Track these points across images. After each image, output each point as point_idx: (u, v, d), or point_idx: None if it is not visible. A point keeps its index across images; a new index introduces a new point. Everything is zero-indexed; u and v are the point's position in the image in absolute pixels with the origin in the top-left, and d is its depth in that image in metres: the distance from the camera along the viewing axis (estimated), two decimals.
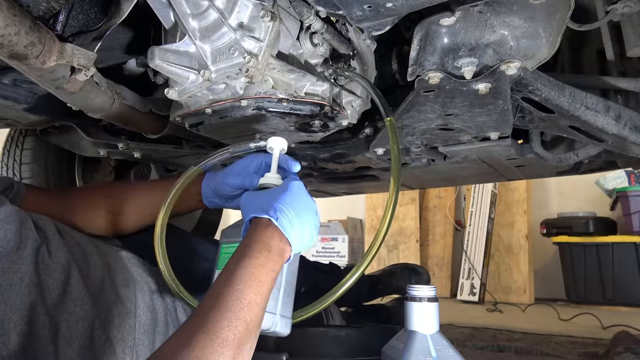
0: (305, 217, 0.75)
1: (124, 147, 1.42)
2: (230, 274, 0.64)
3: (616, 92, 1.14)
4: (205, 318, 0.57)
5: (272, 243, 0.70)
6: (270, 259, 0.68)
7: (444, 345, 0.75)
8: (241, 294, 0.61)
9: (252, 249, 0.68)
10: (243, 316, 0.59)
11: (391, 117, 0.89)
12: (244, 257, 0.67)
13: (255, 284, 0.63)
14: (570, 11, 0.83)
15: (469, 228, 3.64)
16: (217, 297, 0.60)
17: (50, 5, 0.77)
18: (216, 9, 0.84)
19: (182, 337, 0.55)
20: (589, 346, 1.81)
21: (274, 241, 0.71)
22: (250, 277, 0.64)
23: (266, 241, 0.70)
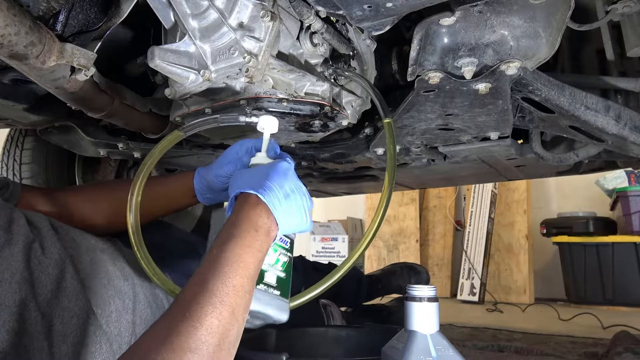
0: (293, 197, 0.72)
1: (124, 147, 1.42)
2: (215, 257, 0.61)
3: (616, 92, 1.14)
4: (189, 304, 0.54)
5: (260, 221, 0.67)
6: (257, 239, 0.65)
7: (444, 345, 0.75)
8: (226, 277, 0.58)
9: (239, 228, 0.65)
10: (228, 301, 0.56)
11: (389, 118, 0.89)
12: (229, 237, 0.64)
13: (242, 266, 0.61)
14: (570, 11, 0.83)
15: (469, 228, 3.64)
16: (201, 282, 0.58)
17: (50, 5, 0.77)
18: (216, 9, 0.84)
19: (166, 326, 0.53)
20: (589, 346, 1.81)
21: (262, 219, 0.68)
22: (236, 259, 0.61)
23: (253, 219, 0.67)
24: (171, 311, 0.55)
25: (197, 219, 2.33)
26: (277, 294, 0.73)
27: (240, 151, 0.91)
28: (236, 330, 0.57)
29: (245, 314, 0.60)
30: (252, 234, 0.65)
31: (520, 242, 3.52)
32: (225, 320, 0.55)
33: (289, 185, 0.73)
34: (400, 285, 1.73)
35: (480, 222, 3.58)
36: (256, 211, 0.68)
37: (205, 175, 0.98)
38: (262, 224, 0.67)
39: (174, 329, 0.52)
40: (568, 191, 3.77)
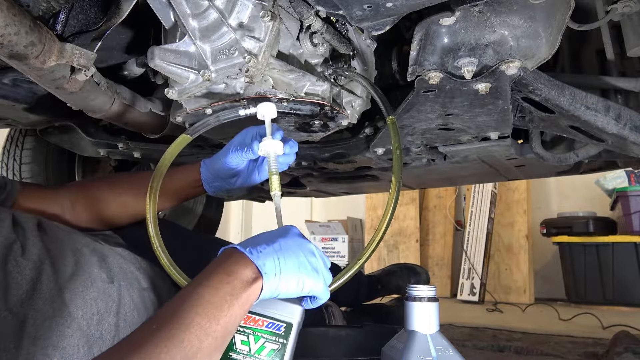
0: (288, 250, 0.68)
1: (124, 147, 1.42)
2: (177, 298, 0.60)
3: (616, 92, 1.15)
4: (142, 341, 0.54)
5: (233, 267, 0.64)
6: (228, 283, 0.62)
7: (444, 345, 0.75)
8: (183, 318, 0.56)
9: (207, 272, 0.63)
10: (185, 340, 0.55)
11: (393, 115, 0.89)
12: (194, 281, 0.62)
13: (202, 304, 0.58)
14: (570, 11, 0.83)
15: (469, 228, 3.64)
16: (157, 320, 0.57)
17: (50, 5, 0.77)
18: (216, 8, 0.84)
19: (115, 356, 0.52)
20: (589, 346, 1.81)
21: (237, 266, 0.64)
22: (197, 299, 0.59)
23: (226, 266, 0.64)
24: (125, 343, 0.55)
25: (198, 216, 2.33)
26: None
27: (246, 138, 0.92)
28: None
29: (206, 356, 0.57)
30: (221, 277, 0.62)
31: (520, 242, 3.52)
32: (174, 356, 0.54)
33: (287, 240, 0.70)
34: (400, 286, 1.73)
35: (480, 222, 3.58)
36: (232, 259, 0.65)
37: (211, 164, 0.99)
38: (237, 270, 0.63)
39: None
40: (568, 191, 3.77)
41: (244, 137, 0.93)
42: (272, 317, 0.70)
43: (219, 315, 0.59)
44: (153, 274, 0.94)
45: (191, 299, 0.59)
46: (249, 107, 0.89)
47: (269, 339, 0.69)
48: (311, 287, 0.69)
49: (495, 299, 3.34)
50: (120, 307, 0.82)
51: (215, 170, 0.98)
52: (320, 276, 0.71)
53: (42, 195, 0.97)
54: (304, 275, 0.68)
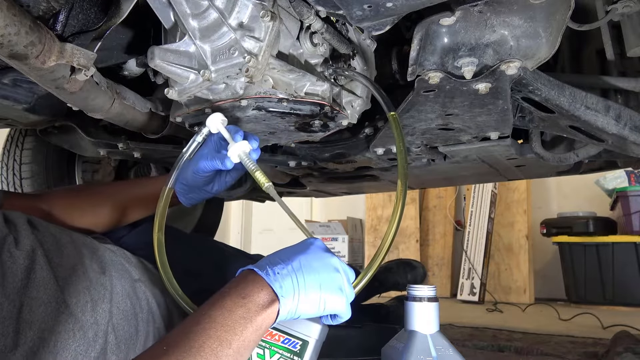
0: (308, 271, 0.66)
1: (124, 147, 1.42)
2: (189, 320, 0.60)
3: (616, 92, 1.14)
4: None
5: (248, 290, 0.63)
6: (242, 306, 0.61)
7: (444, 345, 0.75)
8: (194, 340, 0.56)
9: (221, 294, 0.62)
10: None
11: (394, 111, 0.89)
12: (208, 303, 0.62)
13: (214, 327, 0.58)
14: (570, 11, 0.83)
15: (469, 228, 3.64)
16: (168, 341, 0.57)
17: (50, 5, 0.77)
18: (216, 8, 0.84)
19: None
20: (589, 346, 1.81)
21: (252, 289, 0.63)
22: (210, 321, 0.58)
23: (240, 289, 0.63)
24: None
25: (197, 219, 2.33)
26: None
27: (211, 149, 0.92)
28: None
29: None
30: (235, 300, 0.61)
31: (520, 242, 3.52)
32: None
33: (306, 258, 0.68)
34: (397, 282, 1.73)
35: (480, 222, 3.58)
36: (246, 281, 0.64)
37: (184, 178, 0.97)
38: (252, 293, 0.62)
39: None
40: (568, 191, 3.77)
41: (209, 148, 0.92)
42: (288, 334, 0.69)
43: (231, 339, 0.58)
44: (143, 268, 0.96)
45: (203, 322, 0.59)
46: (201, 128, 0.89)
47: (284, 355, 0.69)
48: (333, 306, 0.68)
49: (495, 299, 3.34)
50: (112, 296, 0.84)
51: (187, 182, 0.98)
52: (343, 294, 0.68)
53: (24, 203, 0.99)
54: (326, 294, 0.67)
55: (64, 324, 0.74)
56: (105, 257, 0.89)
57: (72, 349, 0.74)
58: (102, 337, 0.79)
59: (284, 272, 0.65)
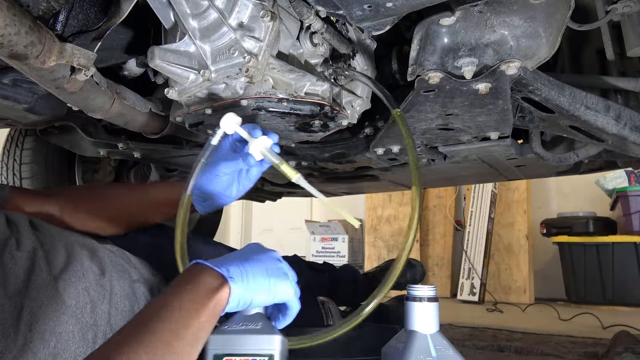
0: (255, 258, 0.70)
1: (124, 147, 1.42)
2: (145, 309, 0.62)
3: (616, 92, 1.14)
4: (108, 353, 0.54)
5: (196, 277, 0.64)
6: (191, 291, 0.62)
7: (444, 345, 0.75)
8: (148, 327, 0.57)
9: (172, 286, 0.64)
10: (152, 346, 0.55)
11: (397, 108, 0.89)
12: (161, 296, 0.63)
13: (168, 314, 0.59)
14: (570, 11, 0.83)
15: (469, 228, 3.64)
16: (124, 330, 0.58)
17: (50, 5, 0.77)
18: (216, 8, 0.84)
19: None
20: (589, 346, 1.81)
21: (201, 275, 0.65)
22: (164, 306, 0.60)
23: (188, 277, 0.65)
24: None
25: (196, 219, 2.33)
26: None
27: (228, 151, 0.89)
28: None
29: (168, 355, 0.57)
30: (184, 286, 0.63)
31: (520, 242, 3.52)
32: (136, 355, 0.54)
33: (248, 250, 0.72)
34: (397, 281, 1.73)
35: (480, 222, 3.58)
36: (195, 270, 0.66)
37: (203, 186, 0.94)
38: (201, 280, 0.64)
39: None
40: (568, 191, 3.77)
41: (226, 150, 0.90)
42: (251, 354, 0.67)
43: (187, 324, 0.59)
44: (142, 268, 0.96)
45: (158, 310, 0.60)
46: (215, 131, 0.86)
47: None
48: (283, 292, 0.71)
49: (495, 299, 3.34)
50: (112, 297, 0.85)
51: (206, 190, 0.94)
52: (290, 281, 0.72)
53: (32, 201, 0.98)
54: (273, 279, 0.70)
55: (64, 325, 0.74)
56: (104, 258, 0.89)
57: (72, 350, 0.74)
58: (101, 339, 0.79)
59: (228, 261, 0.68)
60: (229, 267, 0.66)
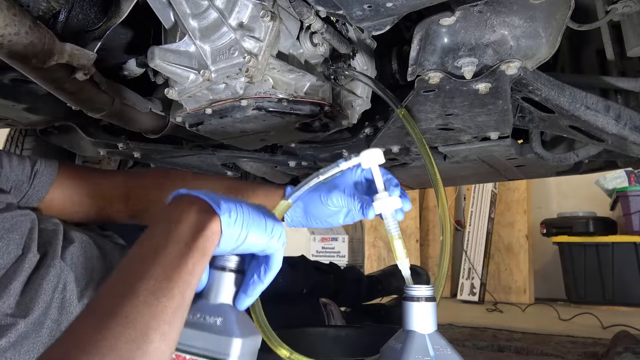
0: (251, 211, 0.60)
1: (124, 147, 1.42)
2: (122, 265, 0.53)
3: (616, 92, 1.14)
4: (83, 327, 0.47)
5: (181, 212, 0.55)
6: (175, 231, 0.53)
7: (442, 344, 0.75)
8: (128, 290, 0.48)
9: (151, 228, 0.55)
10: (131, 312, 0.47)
11: (402, 108, 0.88)
12: (138, 242, 0.54)
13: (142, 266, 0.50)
14: (570, 11, 0.83)
15: (469, 228, 3.64)
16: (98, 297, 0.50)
17: (50, 5, 0.77)
18: (216, 8, 0.84)
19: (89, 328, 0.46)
20: (589, 346, 1.81)
21: (185, 210, 0.55)
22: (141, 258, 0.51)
23: (171, 212, 0.55)
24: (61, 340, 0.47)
25: None
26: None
27: (350, 188, 0.80)
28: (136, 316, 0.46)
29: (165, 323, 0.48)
30: (166, 225, 0.54)
31: (520, 242, 3.52)
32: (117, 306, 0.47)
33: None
34: (400, 287, 1.73)
35: (480, 222, 3.58)
36: (178, 202, 0.56)
37: (308, 207, 0.84)
38: (183, 216, 0.54)
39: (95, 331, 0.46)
40: (568, 191, 3.77)
41: (348, 182, 0.80)
42: (200, 355, 0.56)
43: (171, 276, 0.50)
44: None
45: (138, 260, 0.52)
46: (350, 157, 0.77)
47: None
48: (277, 231, 0.61)
49: (495, 299, 3.34)
50: None
51: (305, 207, 0.84)
52: (281, 226, 0.62)
53: (81, 181, 0.90)
54: (269, 218, 0.61)
55: None
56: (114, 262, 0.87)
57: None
58: None
59: (216, 194, 0.58)
60: (219, 198, 0.57)
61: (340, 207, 0.81)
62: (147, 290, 0.48)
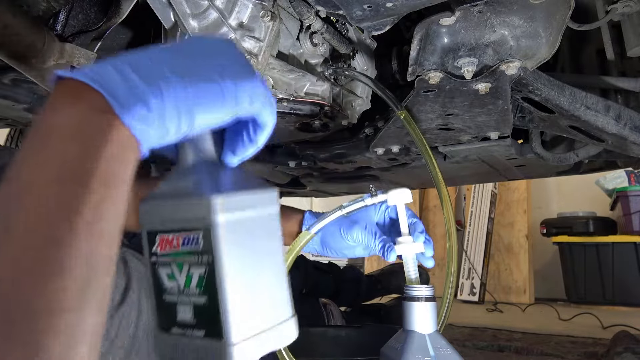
0: (198, 53, 0.40)
1: None
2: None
3: (616, 92, 1.14)
4: None
5: (56, 121, 0.34)
6: (51, 158, 0.33)
7: (442, 344, 0.75)
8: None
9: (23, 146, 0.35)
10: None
11: (403, 110, 0.88)
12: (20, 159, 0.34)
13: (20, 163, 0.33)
14: (570, 11, 0.83)
15: (469, 228, 3.64)
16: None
17: (50, 5, 0.77)
18: (216, 8, 0.84)
19: None
20: (589, 346, 1.81)
21: (65, 120, 0.34)
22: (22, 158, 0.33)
23: (51, 100, 0.35)
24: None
25: None
26: (199, 335, 0.40)
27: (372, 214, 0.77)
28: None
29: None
30: (45, 115, 0.34)
31: (520, 242, 3.52)
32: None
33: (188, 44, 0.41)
34: (400, 286, 1.73)
35: (480, 222, 3.58)
36: (63, 104, 0.34)
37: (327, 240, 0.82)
38: (67, 132, 0.33)
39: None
40: (568, 191, 3.77)
41: (370, 219, 0.77)
42: (181, 229, 0.41)
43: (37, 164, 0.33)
44: None
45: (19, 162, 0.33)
46: (377, 192, 0.77)
47: (192, 263, 0.41)
48: (246, 92, 0.40)
49: (495, 299, 3.34)
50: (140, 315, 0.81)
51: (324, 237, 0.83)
52: (260, 79, 0.42)
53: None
54: (229, 75, 0.39)
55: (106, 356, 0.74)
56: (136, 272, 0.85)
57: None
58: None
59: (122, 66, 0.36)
60: (126, 73, 0.35)
61: (359, 242, 0.79)
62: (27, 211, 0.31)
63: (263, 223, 0.44)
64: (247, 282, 0.41)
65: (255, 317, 0.41)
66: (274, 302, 0.44)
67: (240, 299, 0.40)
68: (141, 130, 0.36)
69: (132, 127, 0.35)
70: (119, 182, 0.36)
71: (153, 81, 0.36)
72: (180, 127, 0.37)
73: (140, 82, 0.36)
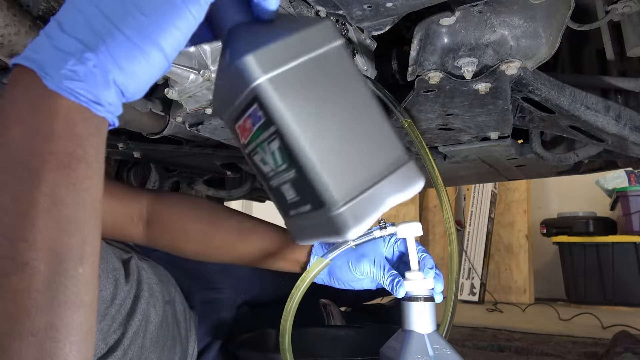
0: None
1: (124, 147, 1.42)
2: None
3: (616, 92, 1.14)
4: None
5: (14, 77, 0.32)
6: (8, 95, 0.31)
7: (441, 344, 0.75)
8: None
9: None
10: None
11: (407, 119, 0.88)
12: None
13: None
14: (570, 11, 0.83)
15: (469, 228, 3.64)
16: None
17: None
18: None
19: None
20: (589, 346, 1.81)
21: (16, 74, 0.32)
22: None
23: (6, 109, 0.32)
24: None
25: None
26: (308, 210, 0.37)
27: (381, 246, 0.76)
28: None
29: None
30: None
31: (520, 242, 3.52)
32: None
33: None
34: None
35: (480, 222, 3.58)
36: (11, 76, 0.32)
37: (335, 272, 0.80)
38: (8, 88, 0.32)
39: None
40: (568, 191, 3.77)
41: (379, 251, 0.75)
42: (242, 109, 0.38)
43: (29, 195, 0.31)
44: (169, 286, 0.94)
45: None
46: (386, 225, 0.75)
47: (267, 139, 0.37)
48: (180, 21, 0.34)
49: (495, 299, 3.34)
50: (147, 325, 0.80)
51: (335, 274, 0.82)
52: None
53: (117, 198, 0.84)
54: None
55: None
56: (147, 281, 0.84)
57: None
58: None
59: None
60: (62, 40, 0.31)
61: (366, 276, 0.77)
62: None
63: (326, 63, 0.36)
64: (329, 136, 0.35)
65: (355, 171, 0.36)
66: (375, 149, 0.38)
67: (326, 157, 0.35)
68: (87, 92, 0.31)
69: (71, 92, 0.31)
70: (75, 161, 0.33)
71: (83, 29, 0.30)
72: (150, 57, 0.32)
73: (65, 36, 0.30)
